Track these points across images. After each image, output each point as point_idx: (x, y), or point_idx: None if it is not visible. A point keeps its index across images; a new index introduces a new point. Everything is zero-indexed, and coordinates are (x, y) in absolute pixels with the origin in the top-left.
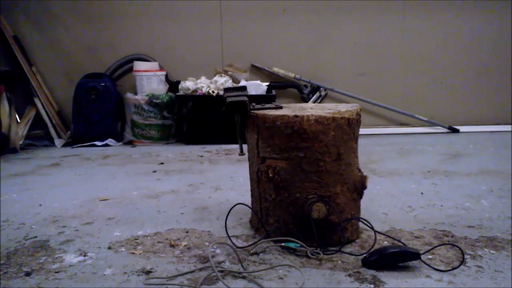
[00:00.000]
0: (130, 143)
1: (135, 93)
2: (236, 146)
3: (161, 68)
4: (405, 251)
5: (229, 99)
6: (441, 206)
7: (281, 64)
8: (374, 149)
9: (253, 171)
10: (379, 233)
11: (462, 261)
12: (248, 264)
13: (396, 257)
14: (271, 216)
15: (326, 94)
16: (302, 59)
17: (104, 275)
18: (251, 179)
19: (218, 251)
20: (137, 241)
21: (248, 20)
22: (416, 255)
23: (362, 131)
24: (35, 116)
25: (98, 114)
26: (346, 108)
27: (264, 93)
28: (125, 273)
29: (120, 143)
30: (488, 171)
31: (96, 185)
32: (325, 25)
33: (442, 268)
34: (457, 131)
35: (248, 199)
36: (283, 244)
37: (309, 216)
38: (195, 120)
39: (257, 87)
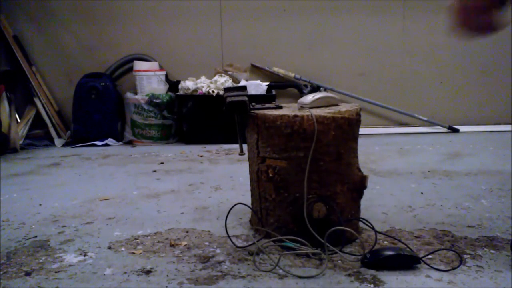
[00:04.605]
0: (130, 143)
1: (135, 93)
2: (236, 146)
3: (161, 68)
4: (405, 255)
5: (229, 99)
6: (441, 206)
7: (281, 64)
8: (374, 149)
9: (253, 171)
10: (380, 233)
11: (460, 264)
12: (248, 264)
13: (396, 261)
14: (271, 216)
15: None
16: (302, 59)
17: (104, 275)
18: (251, 179)
19: (218, 250)
20: (137, 241)
21: (248, 20)
22: (416, 259)
23: (362, 131)
24: (35, 116)
25: (98, 114)
26: (346, 108)
27: (264, 93)
28: (125, 272)
29: (120, 143)
30: (488, 171)
31: (96, 185)
32: (325, 25)
33: (442, 268)
34: (457, 131)
35: (248, 199)
36: (283, 243)
37: (309, 215)
38: (195, 120)
39: (257, 87)
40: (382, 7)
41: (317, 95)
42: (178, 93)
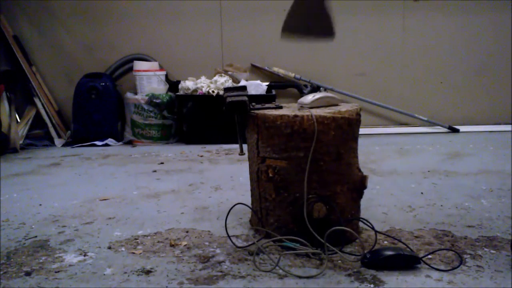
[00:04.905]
0: (130, 143)
1: (135, 93)
2: (236, 146)
3: (161, 68)
4: (405, 255)
5: (229, 99)
6: (441, 205)
7: (281, 64)
8: (374, 149)
9: (253, 171)
10: (380, 233)
11: (460, 264)
12: (248, 264)
13: (396, 261)
14: (271, 216)
15: None
16: (302, 59)
17: (104, 274)
18: (251, 179)
19: (218, 250)
20: (137, 241)
21: (248, 20)
22: (416, 259)
23: (362, 131)
24: (35, 116)
25: (98, 113)
26: (346, 108)
27: (264, 93)
28: (125, 272)
29: (120, 143)
30: (488, 171)
31: (96, 185)
32: None
33: (442, 267)
34: (457, 131)
35: (248, 199)
36: (283, 243)
37: (309, 215)
38: (195, 120)
39: (257, 87)
40: (382, 7)
41: (317, 95)
42: (178, 93)
